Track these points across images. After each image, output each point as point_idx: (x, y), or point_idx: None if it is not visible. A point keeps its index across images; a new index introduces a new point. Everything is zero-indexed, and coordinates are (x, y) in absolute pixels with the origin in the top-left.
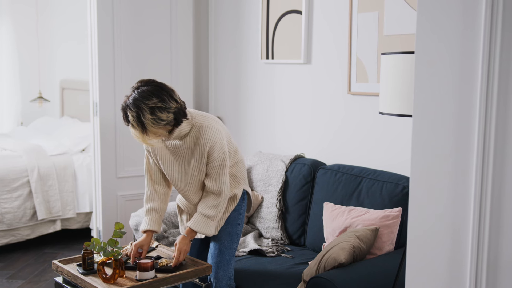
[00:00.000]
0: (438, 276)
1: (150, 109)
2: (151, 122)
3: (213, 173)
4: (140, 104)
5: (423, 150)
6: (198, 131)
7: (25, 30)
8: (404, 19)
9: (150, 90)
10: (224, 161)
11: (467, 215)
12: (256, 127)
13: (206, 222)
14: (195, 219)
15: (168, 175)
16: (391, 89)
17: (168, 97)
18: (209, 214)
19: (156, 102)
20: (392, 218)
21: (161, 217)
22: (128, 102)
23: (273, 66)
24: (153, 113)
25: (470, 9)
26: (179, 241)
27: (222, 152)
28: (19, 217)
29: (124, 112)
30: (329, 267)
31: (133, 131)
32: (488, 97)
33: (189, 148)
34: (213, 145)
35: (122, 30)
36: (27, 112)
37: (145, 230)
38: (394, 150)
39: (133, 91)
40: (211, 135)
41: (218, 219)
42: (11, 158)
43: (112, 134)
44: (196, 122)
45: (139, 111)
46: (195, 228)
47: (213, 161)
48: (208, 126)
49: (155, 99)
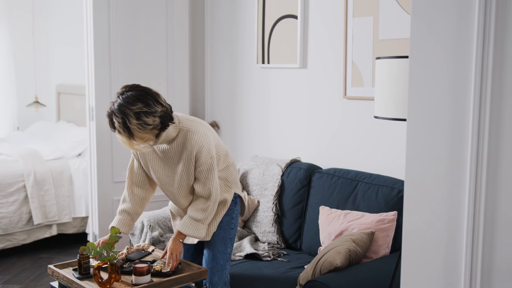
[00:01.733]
0: (433, 279)
1: (135, 114)
2: (137, 127)
3: (201, 177)
4: (125, 110)
5: (417, 154)
6: (185, 136)
7: (21, 34)
8: (399, 24)
9: (135, 95)
10: (212, 165)
11: (461, 219)
12: (252, 131)
13: (195, 225)
14: (183, 222)
15: (157, 179)
16: (386, 93)
17: (153, 101)
18: (198, 218)
19: (141, 107)
20: (388, 221)
21: (132, 219)
22: (113, 108)
23: (269, 70)
24: (139, 118)
25: (464, 13)
26: (170, 243)
27: (209, 156)
28: (15, 222)
29: (110, 119)
30: (325, 271)
31: (120, 137)
32: (482, 101)
33: (177, 152)
34: (200, 149)
35: (119, 33)
36: (23, 116)
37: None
38: (390, 154)
39: (118, 97)
40: (198, 139)
41: (208, 222)
42: (7, 162)
43: (108, 139)
44: (183, 126)
45: (125, 116)
46: (183, 231)
47: (201, 165)
48: (195, 131)
49: (140, 104)
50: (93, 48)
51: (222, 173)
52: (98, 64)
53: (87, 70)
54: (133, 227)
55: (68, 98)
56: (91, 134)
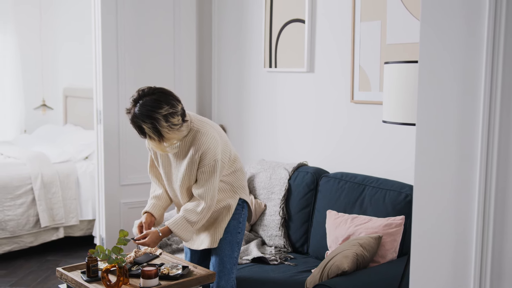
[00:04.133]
0: (442, 283)
1: (164, 117)
2: (167, 129)
3: (202, 179)
4: (153, 115)
5: (426, 158)
6: (194, 136)
7: (29, 38)
8: (406, 28)
9: (158, 99)
10: (215, 168)
11: (471, 224)
12: (259, 135)
13: (186, 226)
14: (175, 220)
15: (164, 174)
16: (394, 98)
17: (175, 101)
18: (191, 219)
19: (167, 108)
20: (395, 226)
21: (163, 206)
22: (138, 115)
23: (276, 74)
24: (167, 120)
25: (473, 17)
26: (150, 235)
27: (213, 159)
28: (22, 225)
29: (137, 126)
30: (332, 275)
31: (151, 142)
32: (492, 105)
33: (183, 150)
34: (205, 151)
35: (126, 36)
36: (30, 119)
37: (144, 211)
38: (397, 158)
39: (136, 102)
40: (205, 140)
41: (197, 227)
42: (15, 165)
43: (116, 142)
44: (193, 126)
45: (154, 121)
46: (173, 229)
47: (203, 167)
48: (205, 132)
49: (166, 106)
50: (101, 51)
51: (228, 177)
52: (105, 67)
53: (95, 73)
54: (162, 218)
55: (75, 101)
56: (99, 137)
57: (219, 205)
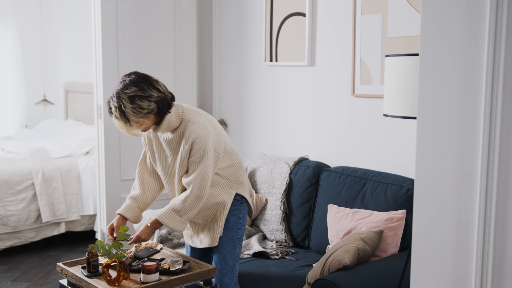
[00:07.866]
0: (443, 278)
1: (129, 98)
2: (131, 111)
3: (191, 168)
4: (120, 94)
5: (428, 152)
6: (185, 126)
7: (29, 33)
8: (407, 21)
9: (131, 80)
10: (204, 157)
11: (472, 217)
12: (260, 129)
13: (172, 215)
14: (162, 210)
15: (162, 170)
16: (395, 91)
17: (148, 86)
18: (176, 208)
19: (135, 90)
20: (397, 220)
21: (139, 208)
22: (112, 94)
23: (277, 68)
24: (133, 102)
25: (475, 11)
26: (141, 229)
27: (203, 148)
28: (23, 220)
29: (108, 104)
30: (334, 269)
31: (117, 122)
32: (493, 98)
33: (177, 142)
34: (195, 139)
35: (126, 31)
36: (31, 114)
37: (118, 212)
38: (398, 152)
39: (118, 85)
40: (195, 129)
41: (187, 218)
42: (16, 160)
43: (117, 137)
44: (185, 116)
45: (120, 100)
46: (159, 219)
47: (193, 155)
48: (195, 121)
49: (134, 87)
50: (101, 45)
51: (225, 171)
52: (106, 62)
53: (95, 68)
54: (140, 217)
55: (75, 96)
56: (99, 132)
57: (213, 200)
